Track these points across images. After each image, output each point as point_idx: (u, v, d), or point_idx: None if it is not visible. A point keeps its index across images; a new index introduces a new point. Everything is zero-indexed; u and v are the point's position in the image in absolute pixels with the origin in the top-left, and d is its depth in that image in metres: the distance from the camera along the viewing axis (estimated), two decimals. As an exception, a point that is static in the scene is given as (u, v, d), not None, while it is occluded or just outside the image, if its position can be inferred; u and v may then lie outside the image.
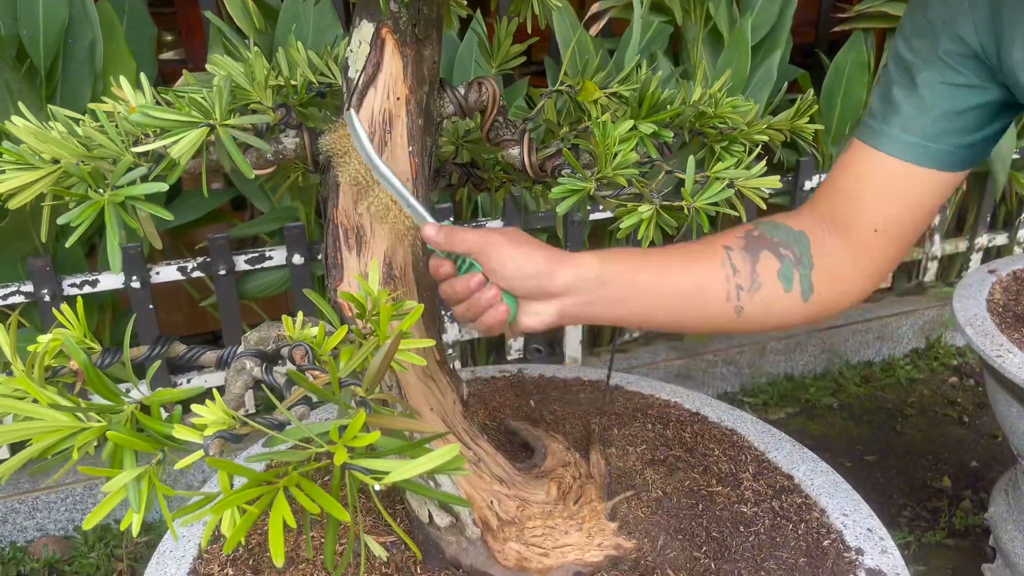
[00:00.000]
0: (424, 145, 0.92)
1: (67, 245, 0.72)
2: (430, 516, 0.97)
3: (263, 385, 0.76)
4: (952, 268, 2.98)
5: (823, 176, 2.54)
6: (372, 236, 0.91)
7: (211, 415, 0.67)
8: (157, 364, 0.74)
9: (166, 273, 1.92)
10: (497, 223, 2.18)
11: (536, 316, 0.81)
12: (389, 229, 0.91)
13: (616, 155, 0.83)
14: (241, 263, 1.97)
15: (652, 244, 0.84)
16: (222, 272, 1.94)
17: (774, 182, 0.85)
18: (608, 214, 2.31)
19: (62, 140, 0.80)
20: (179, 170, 0.75)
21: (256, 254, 1.99)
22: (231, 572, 1.02)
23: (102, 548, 1.97)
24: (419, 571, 1.00)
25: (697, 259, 0.82)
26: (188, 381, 2.06)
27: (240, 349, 0.81)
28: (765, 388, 2.67)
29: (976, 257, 2.92)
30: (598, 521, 1.04)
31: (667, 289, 0.81)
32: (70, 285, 1.84)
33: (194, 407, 0.67)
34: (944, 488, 2.23)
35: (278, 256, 2.00)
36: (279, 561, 0.58)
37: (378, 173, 0.86)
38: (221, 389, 0.75)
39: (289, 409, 0.69)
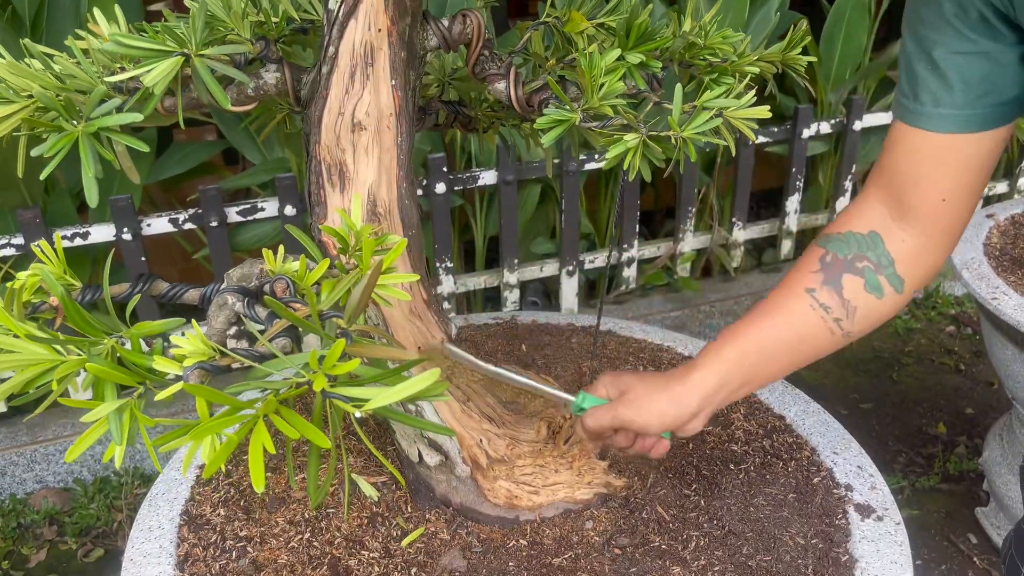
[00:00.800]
0: (407, 79, 0.90)
1: (41, 177, 0.71)
2: (420, 455, 0.97)
3: (245, 319, 0.75)
4: (951, 217, 2.95)
5: (822, 124, 2.51)
6: (356, 173, 0.90)
7: (190, 346, 0.66)
8: (136, 298, 0.74)
9: (157, 225, 1.90)
10: (491, 174, 2.16)
11: (691, 432, 0.90)
12: (375, 164, 0.90)
13: (602, 86, 0.82)
14: (233, 215, 1.96)
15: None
16: (214, 224, 1.92)
17: (764, 112, 0.84)
18: (604, 164, 2.28)
19: (37, 74, 0.78)
20: (154, 100, 0.74)
21: (248, 205, 1.97)
22: (223, 512, 1.02)
23: (102, 499, 1.99)
24: (410, 509, 1.01)
25: (789, 316, 0.86)
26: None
27: (223, 286, 0.80)
28: (762, 339, 2.67)
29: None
30: (588, 460, 1.04)
31: (776, 358, 0.88)
32: (61, 237, 1.83)
33: (173, 338, 0.67)
34: (939, 435, 2.24)
35: (270, 207, 1.99)
36: (259, 487, 0.58)
37: (503, 378, 0.95)
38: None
39: (271, 342, 0.69)
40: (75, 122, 0.73)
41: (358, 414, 0.60)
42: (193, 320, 0.68)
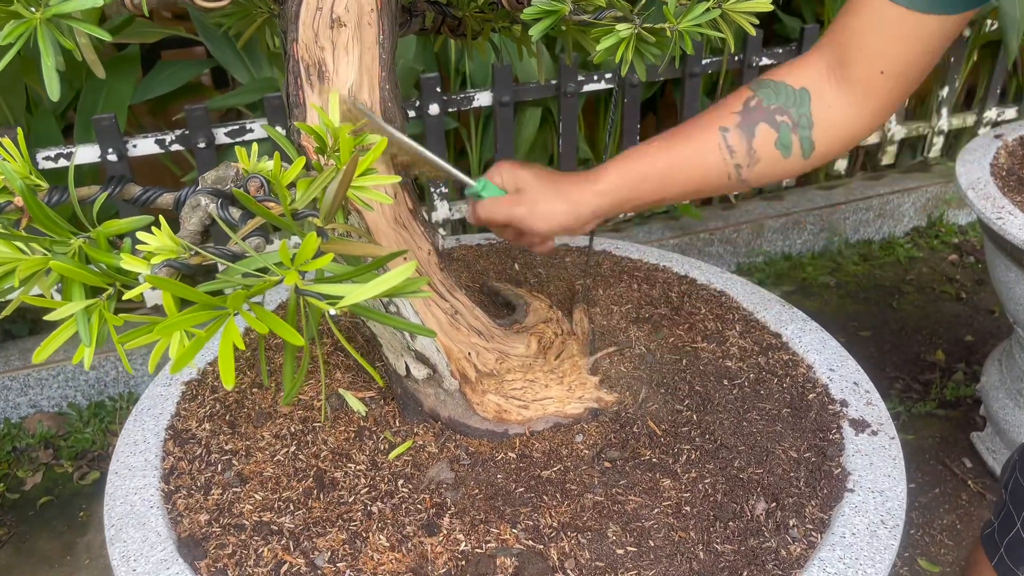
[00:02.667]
0: (389, -28, 0.85)
1: (0, 67, 0.67)
2: (407, 369, 0.95)
3: (219, 221, 0.72)
4: (959, 144, 2.90)
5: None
6: (335, 72, 0.85)
7: (158, 242, 0.63)
8: (103, 197, 0.70)
9: (144, 146, 1.86)
10: (487, 95, 2.10)
11: (578, 234, 0.95)
12: (356, 63, 0.85)
13: (595, -23, 0.77)
14: (221, 136, 1.91)
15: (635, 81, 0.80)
16: (201, 145, 1.88)
17: (765, 5, 0.79)
18: (603, 85, 2.22)
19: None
20: (116, -14, 0.69)
21: (236, 126, 1.92)
22: (208, 427, 1.01)
23: (97, 423, 1.99)
24: (397, 424, 0.99)
25: (696, 149, 0.87)
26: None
27: (197, 188, 0.77)
28: (762, 267, 2.64)
29: (984, 132, 2.83)
30: (579, 375, 1.02)
31: (673, 184, 0.90)
32: (44, 158, 1.78)
33: (140, 234, 0.64)
34: (937, 361, 2.23)
35: (259, 129, 1.94)
36: (228, 384, 0.56)
37: (405, 146, 0.89)
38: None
39: (244, 240, 0.66)
40: (33, 9, 0.68)
41: (332, 311, 0.58)
42: (160, 216, 0.65)
